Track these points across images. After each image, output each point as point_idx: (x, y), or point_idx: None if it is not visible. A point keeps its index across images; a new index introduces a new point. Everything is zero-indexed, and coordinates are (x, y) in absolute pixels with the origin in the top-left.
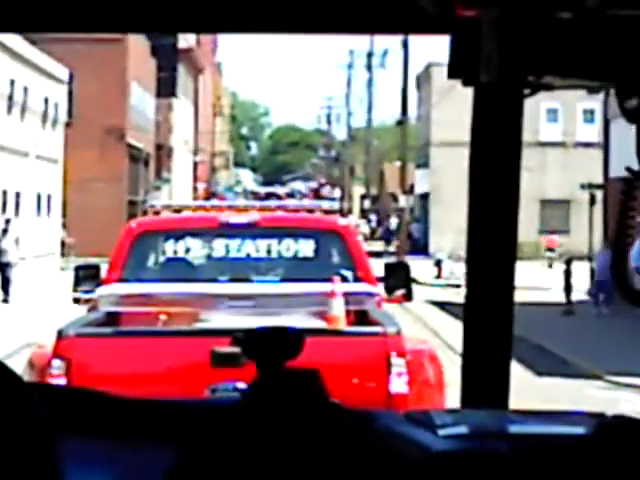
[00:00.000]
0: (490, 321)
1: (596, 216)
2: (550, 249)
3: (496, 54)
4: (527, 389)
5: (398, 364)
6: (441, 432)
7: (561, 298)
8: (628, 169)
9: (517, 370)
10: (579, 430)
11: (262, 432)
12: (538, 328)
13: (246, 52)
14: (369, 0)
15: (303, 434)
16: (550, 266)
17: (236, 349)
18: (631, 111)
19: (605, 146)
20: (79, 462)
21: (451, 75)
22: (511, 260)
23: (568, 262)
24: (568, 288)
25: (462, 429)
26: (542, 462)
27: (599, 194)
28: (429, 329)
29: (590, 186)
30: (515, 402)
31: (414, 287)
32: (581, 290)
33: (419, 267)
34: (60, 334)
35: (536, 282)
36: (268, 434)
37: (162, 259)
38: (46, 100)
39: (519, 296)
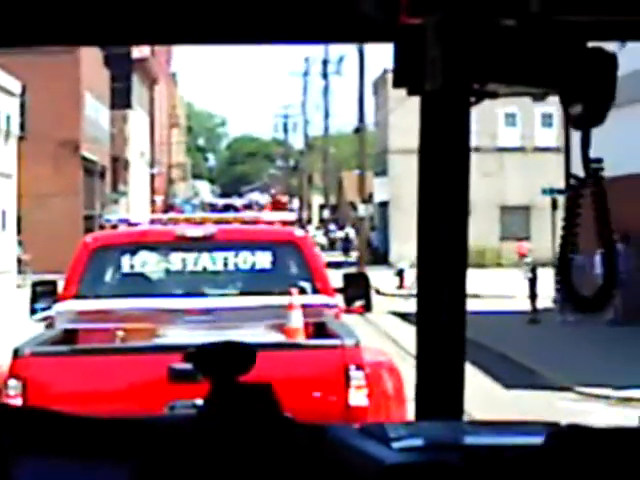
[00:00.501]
0: (443, 331)
1: (558, 221)
2: (522, 256)
3: (440, 62)
4: (496, 402)
5: (357, 377)
6: (395, 445)
7: (526, 306)
8: (573, 176)
9: (485, 382)
10: (533, 440)
11: (216, 446)
12: (504, 338)
13: (201, 62)
14: (313, 9)
15: (257, 448)
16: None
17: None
18: (576, 117)
19: (566, 149)
20: None
21: (396, 84)
22: (462, 267)
23: (533, 269)
24: (533, 296)
25: (416, 441)
26: (495, 473)
27: (561, 199)
28: (392, 341)
29: (552, 191)
30: (484, 416)
31: (375, 298)
32: (546, 297)
33: (380, 277)
34: (16, 353)
35: (499, 290)
36: (223, 448)
37: (119, 274)
38: None
39: (484, 305)
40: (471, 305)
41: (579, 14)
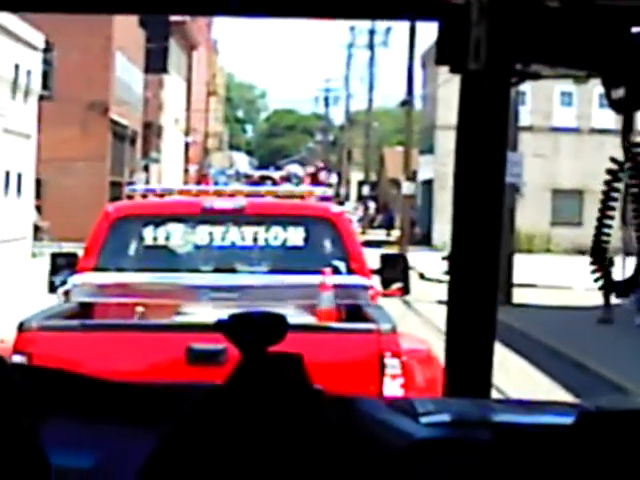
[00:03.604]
0: (474, 311)
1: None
2: None
3: (484, 42)
4: None
5: (392, 365)
6: (423, 420)
7: (587, 300)
8: (612, 159)
9: (564, 398)
10: (560, 420)
11: (245, 416)
12: (575, 340)
13: (243, 32)
14: None
15: (286, 419)
16: None
17: (215, 346)
18: (618, 101)
19: None
20: (63, 443)
21: (439, 62)
22: (495, 247)
23: (610, 259)
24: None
25: (444, 417)
26: (523, 451)
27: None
28: (442, 334)
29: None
30: None
31: (420, 284)
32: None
33: (424, 260)
34: (21, 327)
35: (553, 279)
36: (251, 418)
37: (141, 246)
38: (16, 67)
39: (541, 296)
40: (528, 296)
41: None
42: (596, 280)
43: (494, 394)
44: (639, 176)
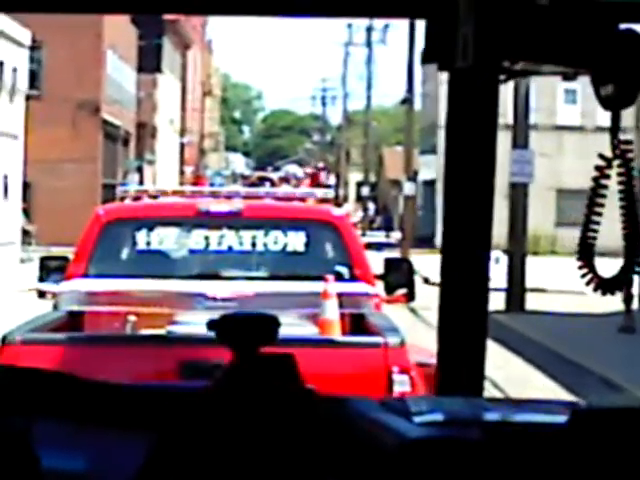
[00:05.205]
0: (466, 309)
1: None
2: None
3: (472, 39)
4: None
5: (401, 381)
6: (416, 419)
7: (603, 306)
8: (600, 156)
9: None
10: (553, 419)
11: (237, 417)
12: (598, 352)
13: (238, 32)
14: None
15: (278, 418)
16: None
17: (210, 361)
18: (606, 98)
19: None
20: (55, 445)
21: (426, 60)
22: (486, 246)
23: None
24: (629, 297)
25: (437, 416)
26: (515, 450)
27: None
28: None
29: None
30: None
31: (425, 289)
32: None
33: (428, 263)
34: (4, 340)
35: (563, 283)
36: (243, 418)
37: (133, 251)
38: (0, 64)
39: (553, 301)
40: (539, 302)
41: None
42: (583, 276)
43: None
44: (627, 174)
